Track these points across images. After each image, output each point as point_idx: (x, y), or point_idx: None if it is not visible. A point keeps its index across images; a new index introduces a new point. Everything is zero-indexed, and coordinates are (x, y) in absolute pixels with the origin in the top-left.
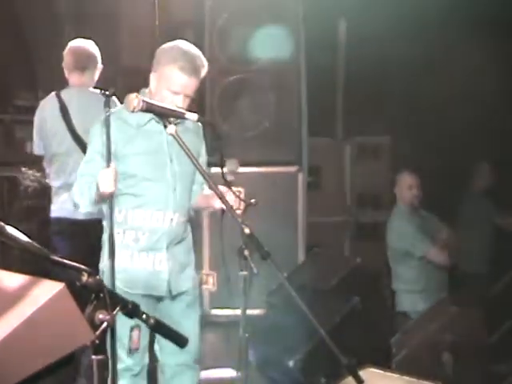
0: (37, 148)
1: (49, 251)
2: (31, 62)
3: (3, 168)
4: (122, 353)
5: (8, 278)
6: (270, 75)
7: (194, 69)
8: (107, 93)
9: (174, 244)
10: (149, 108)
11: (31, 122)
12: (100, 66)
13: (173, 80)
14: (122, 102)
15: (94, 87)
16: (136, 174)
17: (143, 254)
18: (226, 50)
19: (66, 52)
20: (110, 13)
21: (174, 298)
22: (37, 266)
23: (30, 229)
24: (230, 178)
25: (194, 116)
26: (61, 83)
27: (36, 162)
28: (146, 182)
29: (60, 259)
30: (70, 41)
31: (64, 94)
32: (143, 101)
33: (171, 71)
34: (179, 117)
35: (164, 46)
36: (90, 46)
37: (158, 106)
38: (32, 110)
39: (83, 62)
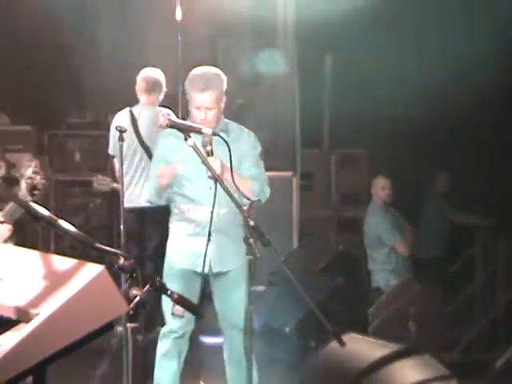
0: (112, 149)
1: (92, 240)
2: (80, 86)
3: (58, 174)
4: (167, 316)
5: (60, 262)
6: (269, 100)
7: (205, 84)
8: None
9: (218, 231)
10: (172, 125)
11: (80, 136)
12: (164, 89)
13: (192, 100)
14: None
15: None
16: (180, 177)
17: (191, 239)
18: (234, 80)
19: (139, 77)
20: (141, 51)
21: (217, 275)
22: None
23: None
24: (208, 148)
25: (209, 130)
26: (105, 104)
27: (84, 169)
28: (188, 183)
29: (101, 246)
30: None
31: (135, 109)
32: (168, 119)
33: (189, 93)
34: (197, 131)
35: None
36: (157, 74)
37: (180, 123)
38: (80, 127)
39: (151, 86)
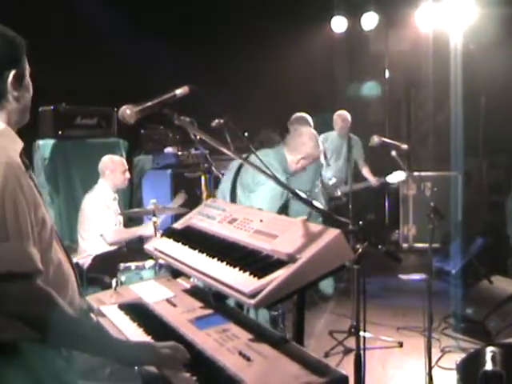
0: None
1: (331, 213)
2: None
3: None
4: None
5: (313, 226)
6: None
7: None
8: None
9: None
10: (382, 143)
11: None
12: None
13: None
14: None
15: None
16: None
17: None
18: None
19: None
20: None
21: None
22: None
23: None
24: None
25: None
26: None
27: None
28: None
29: (338, 217)
30: None
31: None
32: (381, 140)
33: None
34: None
35: None
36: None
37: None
38: None
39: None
